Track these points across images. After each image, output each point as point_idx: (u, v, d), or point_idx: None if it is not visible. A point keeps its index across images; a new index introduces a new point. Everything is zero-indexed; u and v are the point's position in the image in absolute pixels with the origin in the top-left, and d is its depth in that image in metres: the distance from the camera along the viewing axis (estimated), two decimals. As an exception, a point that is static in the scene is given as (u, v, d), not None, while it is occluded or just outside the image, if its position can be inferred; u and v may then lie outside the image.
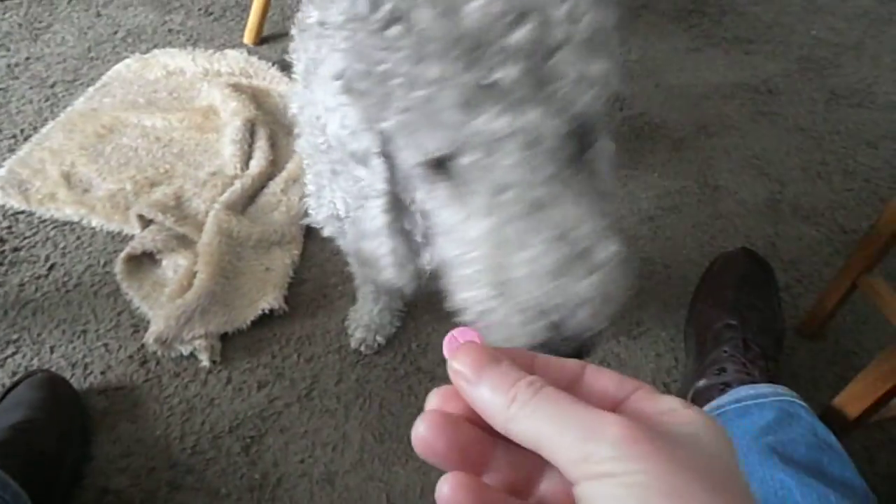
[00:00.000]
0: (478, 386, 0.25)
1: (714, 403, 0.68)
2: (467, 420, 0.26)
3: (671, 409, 0.25)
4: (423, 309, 1.04)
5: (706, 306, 0.91)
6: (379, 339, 0.98)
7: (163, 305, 0.99)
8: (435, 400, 0.27)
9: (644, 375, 0.98)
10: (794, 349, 1.01)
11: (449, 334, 0.28)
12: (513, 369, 0.25)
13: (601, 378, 0.27)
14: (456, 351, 0.26)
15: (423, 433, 0.25)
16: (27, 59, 1.46)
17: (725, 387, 0.74)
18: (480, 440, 0.26)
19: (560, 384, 0.26)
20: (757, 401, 0.66)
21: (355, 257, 0.77)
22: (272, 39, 1.56)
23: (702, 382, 0.78)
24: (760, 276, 0.94)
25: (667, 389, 0.96)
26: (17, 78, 1.41)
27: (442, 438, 0.25)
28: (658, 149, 1.34)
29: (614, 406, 0.26)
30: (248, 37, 1.53)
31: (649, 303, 1.08)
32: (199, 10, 1.63)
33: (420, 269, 0.68)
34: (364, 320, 0.98)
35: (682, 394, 0.87)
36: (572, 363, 0.28)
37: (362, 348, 0.99)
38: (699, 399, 0.76)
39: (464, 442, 0.25)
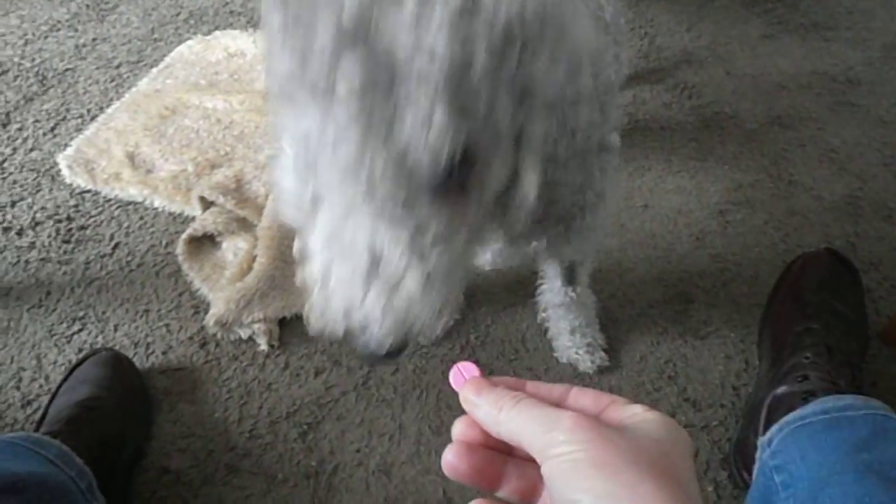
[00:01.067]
0: (479, 406, 0.33)
1: (797, 413, 0.64)
2: (483, 445, 0.34)
3: (633, 412, 0.32)
4: (482, 302, 1.02)
5: (785, 308, 0.86)
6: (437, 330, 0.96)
7: (223, 288, 0.99)
8: (459, 428, 0.35)
9: (712, 378, 0.94)
10: (875, 356, 0.95)
11: (454, 367, 0.36)
12: (504, 391, 0.34)
13: (582, 397, 0.34)
14: (463, 383, 0.35)
15: (450, 460, 0.34)
16: (94, 39, 1.48)
17: (809, 396, 0.70)
18: (494, 459, 0.34)
19: (548, 403, 0.33)
20: (846, 413, 0.61)
21: None
22: (332, 22, 1.54)
23: (781, 389, 0.74)
24: (846, 277, 0.88)
25: (736, 394, 0.92)
26: (84, 58, 1.43)
27: (465, 463, 0.33)
28: (729, 140, 1.28)
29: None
30: (307, 19, 1.52)
31: (718, 302, 1.03)
32: (260, -9, 1.63)
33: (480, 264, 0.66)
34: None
35: (755, 399, 0.83)
36: (560, 387, 0.35)
37: (420, 339, 0.97)
38: (779, 407, 0.72)
39: (481, 463, 0.34)
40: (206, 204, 1.10)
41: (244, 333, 0.96)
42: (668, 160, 1.24)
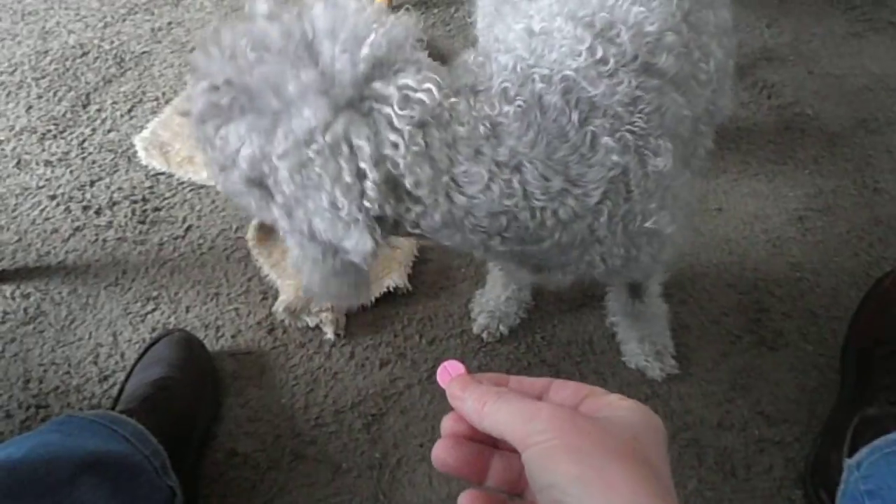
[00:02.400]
0: (464, 401, 0.35)
1: (892, 437, 0.61)
2: (470, 438, 0.36)
3: (608, 402, 0.34)
4: (549, 301, 1.00)
5: (874, 325, 0.82)
6: (502, 328, 0.96)
7: (291, 275, 1.00)
8: (446, 423, 0.37)
9: (787, 392, 0.90)
10: (965, 378, 0.90)
11: (441, 366, 0.38)
12: (488, 386, 0.35)
13: (563, 390, 0.36)
14: (449, 380, 0.37)
15: (439, 454, 0.36)
16: (169, 23, 1.51)
17: (902, 420, 0.67)
18: (481, 452, 0.36)
19: (531, 396, 0.35)
20: (946, 442, 0.58)
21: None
22: (401, 9, 1.54)
23: (872, 410, 0.71)
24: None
25: (811, 410, 0.88)
26: (159, 42, 1.46)
27: (452, 456, 0.35)
28: (810, 143, 1.23)
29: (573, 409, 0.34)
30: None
31: (794, 313, 0.99)
32: (330, -22, 1.63)
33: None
34: (489, 306, 0.96)
35: (838, 418, 0.79)
36: (541, 381, 0.37)
37: (484, 335, 0.96)
38: (869, 428, 0.69)
39: (468, 456, 0.36)
40: (277, 191, 1.12)
41: (311, 322, 0.97)
42: (744, 162, 1.19)
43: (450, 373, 0.38)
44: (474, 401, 0.34)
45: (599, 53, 0.55)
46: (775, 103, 1.30)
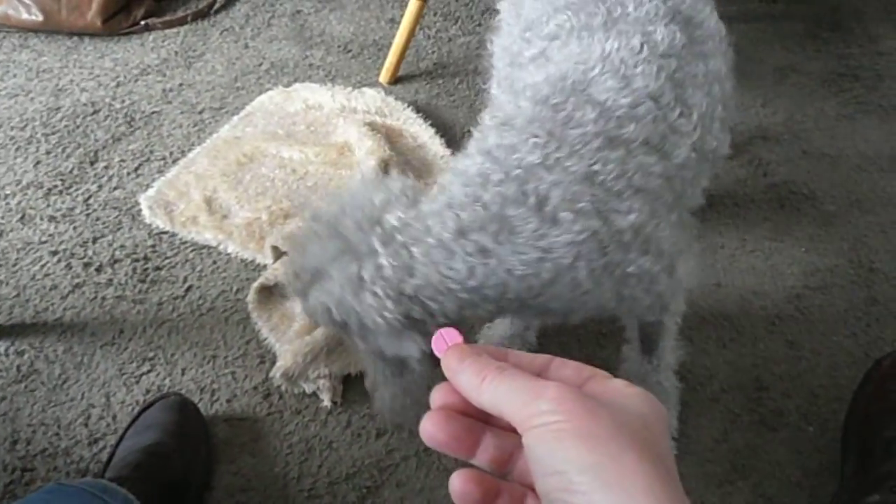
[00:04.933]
0: (460, 373, 0.33)
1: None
2: (462, 412, 0.34)
3: (615, 388, 0.32)
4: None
5: (873, 409, 0.82)
6: None
7: (290, 340, 1.00)
8: (438, 394, 0.35)
9: (788, 474, 0.89)
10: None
11: (437, 333, 0.36)
12: (488, 359, 0.33)
13: (564, 369, 0.34)
14: (446, 350, 0.35)
15: (429, 429, 0.33)
16: (180, 85, 1.55)
17: (906, 511, 0.66)
18: (472, 427, 0.34)
19: (530, 373, 0.33)
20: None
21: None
22: (407, 80, 1.58)
23: (874, 498, 0.70)
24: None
25: (814, 497, 0.87)
26: (170, 102, 1.50)
27: (442, 432, 0.33)
28: (805, 221, 1.25)
29: None
30: (384, 76, 1.57)
31: (793, 392, 0.99)
32: (339, 47, 1.69)
33: None
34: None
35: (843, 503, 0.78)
36: (541, 357, 0.36)
37: None
38: (870, 519, 0.68)
39: (459, 431, 0.33)
40: (279, 253, 1.12)
41: (308, 388, 0.96)
42: (741, 238, 1.21)
43: (446, 341, 0.35)
44: (472, 374, 0.32)
45: (553, 147, 0.62)
46: (771, 181, 1.33)
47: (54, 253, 1.17)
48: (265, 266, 1.13)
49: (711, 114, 0.75)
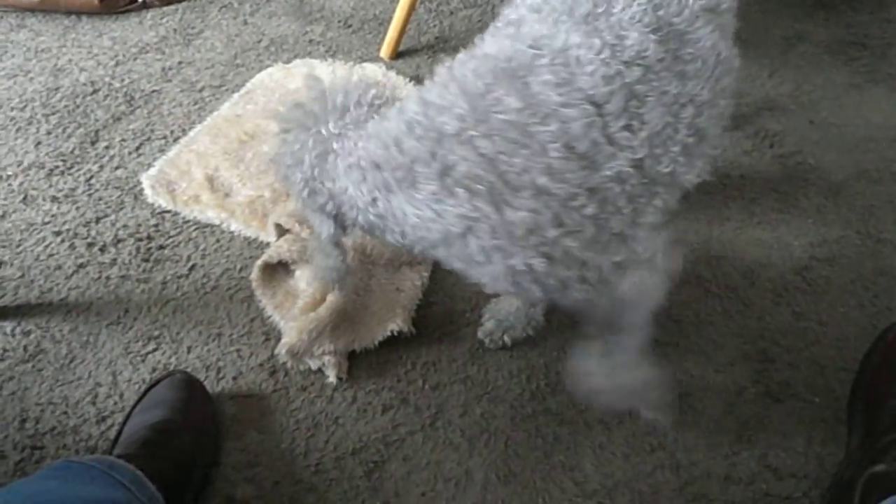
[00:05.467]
0: None
1: (901, 497, 0.60)
2: None
3: None
4: (555, 345, 1.00)
5: (880, 379, 0.81)
6: (506, 338, 0.97)
7: (295, 317, 1.00)
8: None
9: (795, 444, 0.89)
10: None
11: None
12: None
13: None
14: None
15: None
16: (179, 63, 1.53)
17: (912, 479, 0.66)
18: None
19: None
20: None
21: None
22: (408, 54, 1.56)
23: (879, 468, 0.70)
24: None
25: (820, 464, 0.87)
26: (169, 81, 1.48)
27: None
28: (813, 192, 1.24)
29: None
30: (384, 51, 1.55)
31: (800, 363, 0.99)
32: (339, 22, 1.67)
33: None
34: (500, 314, 0.98)
35: (845, 475, 0.78)
36: None
37: (487, 340, 0.98)
38: (877, 486, 0.68)
39: None
40: (282, 231, 1.12)
41: (314, 364, 0.96)
42: (748, 210, 1.20)
43: None
44: None
45: (470, 124, 0.65)
46: (778, 152, 1.32)
47: (58, 233, 1.17)
48: (268, 244, 1.13)
49: (671, 136, 0.70)
